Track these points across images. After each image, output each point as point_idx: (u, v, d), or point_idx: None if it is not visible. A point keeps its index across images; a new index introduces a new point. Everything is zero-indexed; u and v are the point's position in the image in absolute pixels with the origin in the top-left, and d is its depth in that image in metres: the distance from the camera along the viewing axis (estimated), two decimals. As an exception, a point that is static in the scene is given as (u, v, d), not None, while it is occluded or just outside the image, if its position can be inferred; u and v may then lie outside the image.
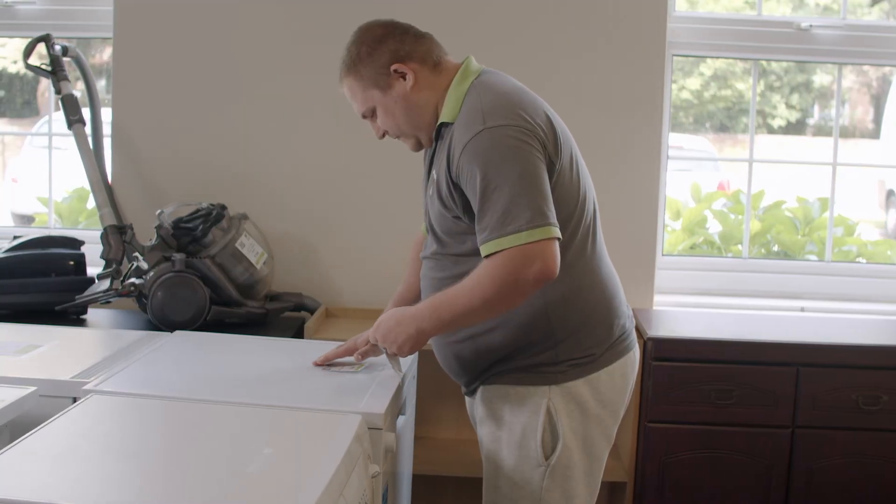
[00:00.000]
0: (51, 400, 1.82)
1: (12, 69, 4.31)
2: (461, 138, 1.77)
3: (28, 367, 2.00)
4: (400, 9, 2.91)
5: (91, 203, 3.98)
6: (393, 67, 1.86)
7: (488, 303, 1.74)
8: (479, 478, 2.01)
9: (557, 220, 1.75)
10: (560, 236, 1.74)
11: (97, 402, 1.78)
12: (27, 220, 4.89)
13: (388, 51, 1.86)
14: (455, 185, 1.80)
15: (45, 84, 5.22)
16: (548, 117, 1.82)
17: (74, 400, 1.83)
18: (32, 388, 1.79)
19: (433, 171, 1.90)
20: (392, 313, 1.87)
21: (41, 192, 4.55)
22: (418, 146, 1.96)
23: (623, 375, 1.92)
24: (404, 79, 1.86)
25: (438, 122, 1.87)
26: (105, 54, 4.05)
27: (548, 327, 1.84)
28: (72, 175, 3.46)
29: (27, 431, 1.62)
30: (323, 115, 3.00)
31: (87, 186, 4.04)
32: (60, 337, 2.30)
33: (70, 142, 2.99)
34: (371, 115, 1.93)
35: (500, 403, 1.89)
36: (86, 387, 1.85)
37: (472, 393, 2.00)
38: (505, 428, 1.87)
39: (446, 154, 1.81)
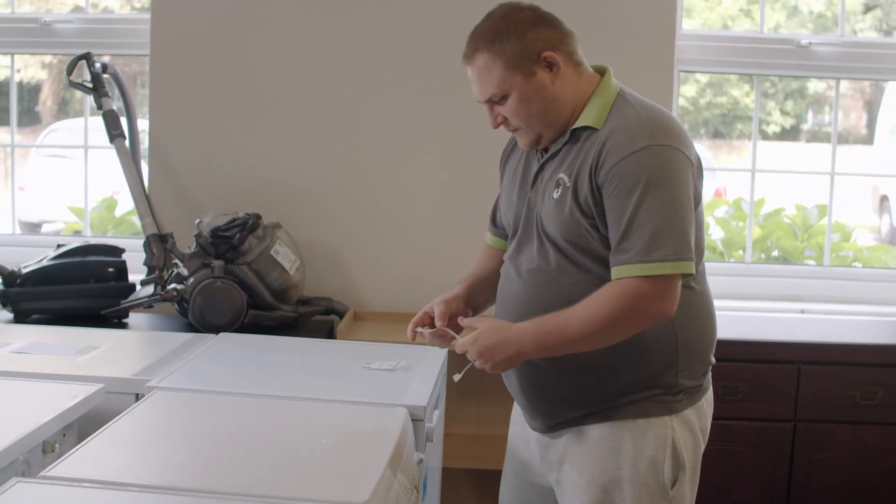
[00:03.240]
0: (115, 396, 1.97)
1: (16, 77, 4.40)
2: (622, 148, 1.67)
3: (91, 367, 2.15)
4: (414, 20, 3.08)
5: (119, 212, 4.16)
6: (544, 55, 1.72)
7: (603, 333, 1.66)
8: (499, 470, 2.07)
9: (697, 247, 1.71)
10: (694, 272, 1.68)
11: (161, 397, 1.94)
12: (35, 228, 5.03)
13: (541, 36, 1.72)
14: (599, 190, 1.69)
15: (47, 93, 5.35)
16: (695, 147, 1.76)
17: (137, 396, 1.98)
18: (100, 386, 1.94)
19: (560, 175, 1.75)
20: (493, 330, 1.72)
21: (51, 200, 4.69)
22: (535, 143, 1.80)
23: (711, 400, 1.88)
24: (551, 70, 1.73)
25: (576, 125, 1.75)
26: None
27: (673, 355, 1.76)
28: (78, 184, 3.59)
29: (93, 425, 1.77)
30: (350, 129, 3.13)
31: (114, 196, 4.22)
32: (113, 339, 2.46)
33: (76, 152, 3.10)
34: (500, 100, 1.75)
35: (618, 440, 1.76)
36: (149, 384, 2.00)
37: (550, 430, 1.86)
38: (626, 465, 1.75)
39: (593, 158, 1.70)
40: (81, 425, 1.86)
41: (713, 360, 1.86)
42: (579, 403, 1.79)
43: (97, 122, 3.41)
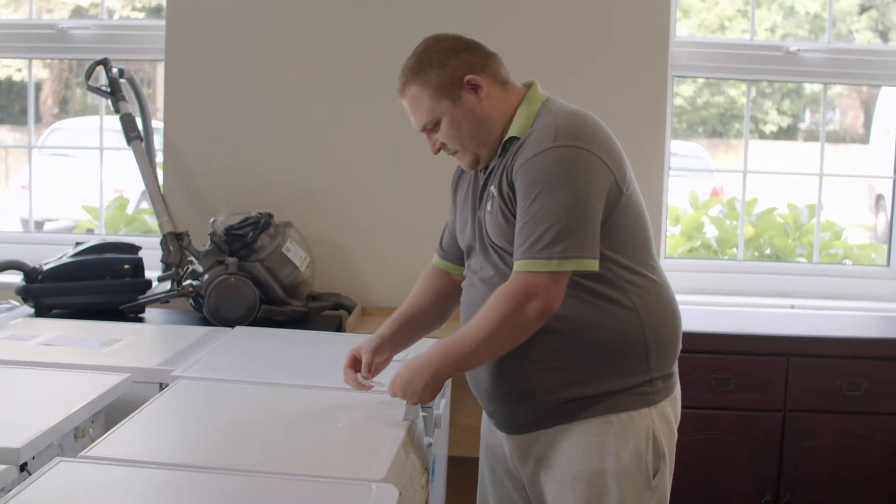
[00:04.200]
0: (140, 385, 2.10)
1: (17, 77, 4.49)
2: (529, 151, 1.74)
3: (116, 358, 2.28)
4: (419, 28, 3.19)
5: (131, 210, 4.28)
6: (467, 79, 1.80)
7: (495, 335, 1.72)
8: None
9: (640, 239, 1.80)
10: (595, 269, 1.71)
11: (185, 385, 2.06)
12: (38, 226, 5.12)
13: (462, 62, 1.82)
14: (514, 193, 1.76)
15: (47, 92, 5.44)
16: (618, 146, 1.82)
17: (161, 385, 2.10)
18: (126, 375, 2.06)
19: (491, 187, 1.83)
20: (406, 366, 1.84)
21: (53, 199, 4.76)
22: (475, 164, 1.88)
23: (679, 387, 1.92)
24: (476, 92, 1.81)
25: (506, 137, 1.82)
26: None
27: (643, 343, 1.80)
28: (82, 182, 3.67)
29: (118, 412, 1.89)
30: (359, 132, 3.25)
31: (125, 195, 4.33)
32: (134, 333, 2.58)
33: (77, 152, 3.15)
34: (433, 127, 1.85)
35: (602, 435, 1.78)
36: (173, 373, 2.12)
37: (525, 430, 1.87)
38: (611, 458, 1.77)
39: (509, 164, 1.78)
40: (108, 413, 1.99)
41: (680, 345, 1.90)
42: (555, 400, 1.80)
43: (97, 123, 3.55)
